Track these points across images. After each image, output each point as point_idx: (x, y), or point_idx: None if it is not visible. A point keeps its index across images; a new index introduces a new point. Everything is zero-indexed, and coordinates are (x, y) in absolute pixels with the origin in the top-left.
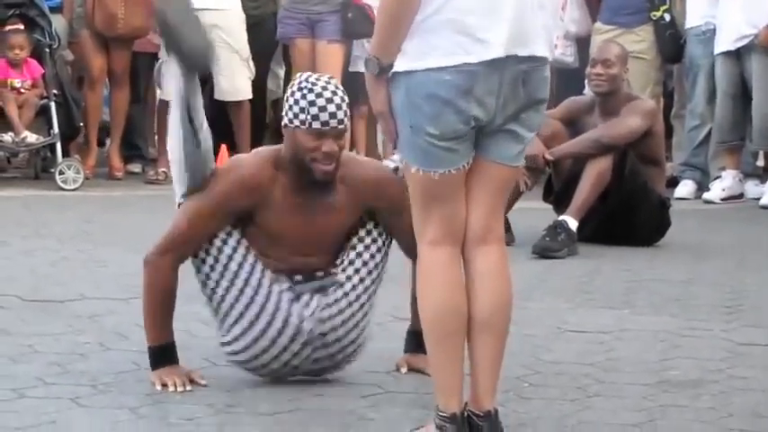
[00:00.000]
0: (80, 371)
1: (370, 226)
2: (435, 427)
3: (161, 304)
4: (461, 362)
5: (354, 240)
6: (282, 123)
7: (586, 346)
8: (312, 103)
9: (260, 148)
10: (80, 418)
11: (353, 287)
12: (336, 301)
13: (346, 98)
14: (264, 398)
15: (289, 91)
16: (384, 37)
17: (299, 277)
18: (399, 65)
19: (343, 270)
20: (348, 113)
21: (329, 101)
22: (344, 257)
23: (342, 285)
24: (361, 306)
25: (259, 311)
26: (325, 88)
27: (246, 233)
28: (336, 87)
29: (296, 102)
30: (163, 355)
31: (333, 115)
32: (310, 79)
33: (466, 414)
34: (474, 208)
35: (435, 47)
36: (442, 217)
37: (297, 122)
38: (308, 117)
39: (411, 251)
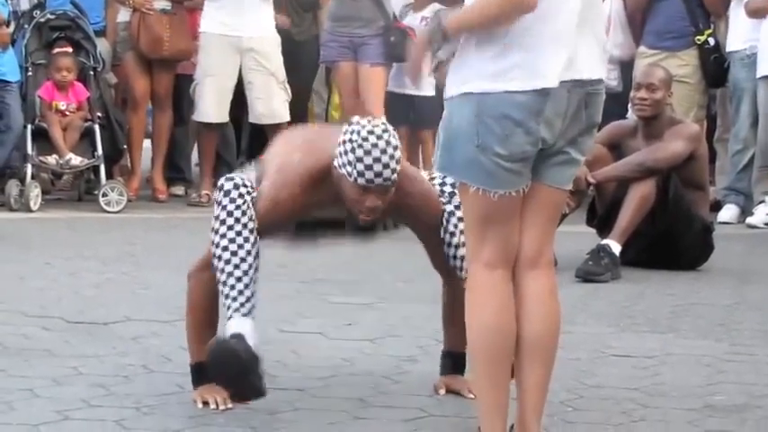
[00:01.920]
0: (124, 393)
1: None
2: None
3: (202, 320)
4: (507, 385)
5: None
6: (333, 161)
7: (631, 370)
8: (359, 160)
9: (309, 154)
10: None
11: None
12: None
13: (397, 153)
14: (306, 420)
15: (342, 135)
16: (464, 26)
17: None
18: (472, 86)
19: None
20: (397, 170)
21: (377, 160)
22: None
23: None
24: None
25: None
26: (375, 145)
27: None
28: (388, 142)
29: (345, 152)
30: (203, 372)
31: (378, 174)
32: (362, 133)
33: None
34: (527, 232)
35: (511, 70)
36: (498, 239)
37: (344, 171)
38: (355, 172)
39: (438, 266)
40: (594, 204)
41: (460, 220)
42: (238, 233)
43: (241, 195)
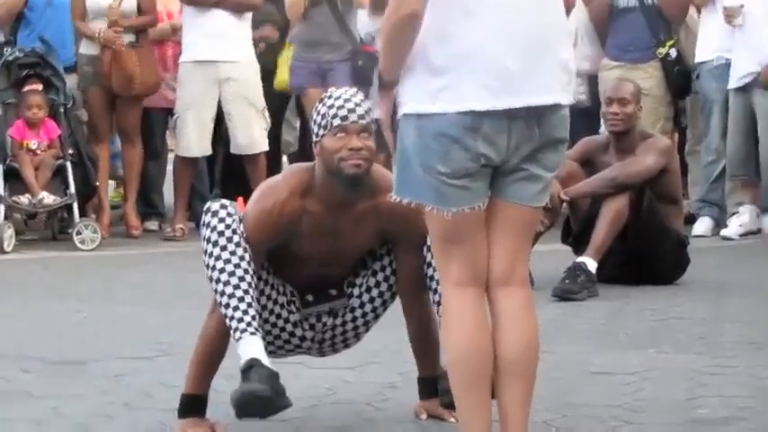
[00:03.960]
0: None
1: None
2: None
3: (206, 353)
4: (489, 406)
5: (376, 266)
6: (314, 146)
7: (613, 387)
8: (331, 107)
9: (288, 175)
10: None
11: (364, 314)
12: (343, 323)
13: (365, 105)
14: None
15: (313, 116)
16: (386, 60)
17: (310, 297)
18: (409, 107)
19: (359, 296)
20: (372, 117)
21: (347, 101)
22: (364, 282)
23: (353, 310)
24: (366, 324)
25: (264, 334)
26: (338, 96)
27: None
28: (352, 94)
29: (319, 115)
30: (192, 405)
31: (352, 111)
32: (322, 100)
33: None
34: (496, 250)
35: (443, 92)
36: (464, 258)
37: (322, 131)
38: (329, 119)
39: (404, 288)
40: (569, 221)
41: None
42: (232, 253)
43: (230, 214)
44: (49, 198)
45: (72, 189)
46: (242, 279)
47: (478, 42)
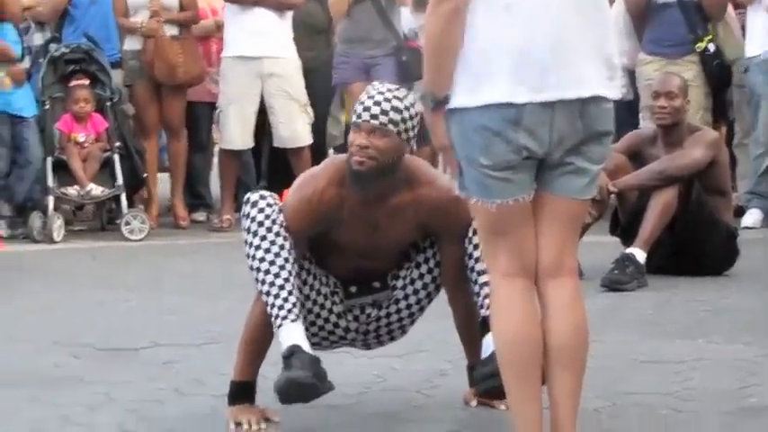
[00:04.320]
0: (157, 417)
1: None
2: None
3: (252, 341)
4: (539, 395)
5: (420, 258)
6: None
7: (663, 376)
8: (359, 103)
9: (328, 165)
10: None
11: (408, 306)
12: (388, 315)
13: (396, 102)
14: None
15: None
16: (432, 70)
17: (353, 288)
18: (454, 101)
19: (403, 288)
20: (392, 119)
21: (370, 98)
22: (407, 273)
23: (397, 302)
24: (411, 316)
25: (308, 325)
26: (374, 87)
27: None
28: (389, 91)
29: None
30: (241, 392)
31: (367, 109)
32: (368, 89)
33: None
34: (544, 241)
35: (482, 85)
36: (511, 249)
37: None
38: (353, 115)
39: (448, 280)
40: (617, 213)
41: None
42: (272, 242)
43: (269, 205)
44: (96, 189)
45: (120, 180)
46: (282, 267)
47: (517, 36)
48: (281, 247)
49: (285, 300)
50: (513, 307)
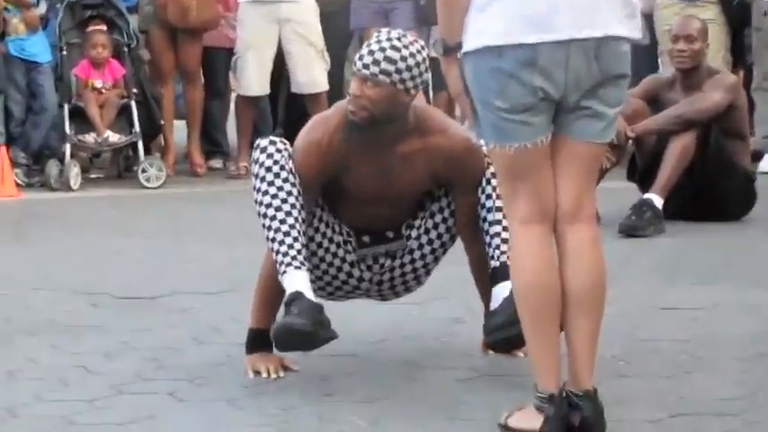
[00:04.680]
0: (176, 365)
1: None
2: (534, 408)
3: (267, 288)
4: (557, 341)
5: (434, 207)
6: None
7: (681, 322)
8: (360, 51)
9: (339, 108)
10: (179, 413)
11: (423, 256)
12: (402, 266)
13: (392, 54)
14: (359, 385)
15: None
16: (443, 18)
17: (366, 238)
18: (468, 44)
19: (417, 237)
20: (384, 69)
21: (368, 47)
22: (422, 223)
23: (411, 252)
24: (425, 266)
25: (321, 274)
26: (375, 38)
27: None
28: (388, 41)
29: None
30: (259, 340)
31: (361, 58)
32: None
33: (564, 394)
34: (562, 186)
35: (494, 26)
36: (529, 194)
37: None
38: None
39: (462, 230)
40: (635, 159)
41: None
42: (279, 188)
43: (278, 150)
44: (114, 137)
45: (137, 128)
46: (288, 213)
47: None
48: (289, 194)
49: (290, 246)
50: (532, 255)
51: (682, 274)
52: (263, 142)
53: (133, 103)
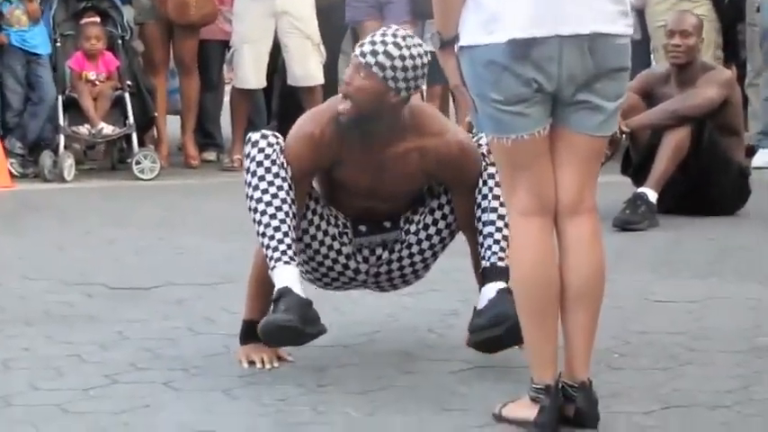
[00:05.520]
0: (171, 355)
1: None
2: (529, 399)
3: (261, 280)
4: (555, 333)
5: (434, 203)
6: None
7: (675, 315)
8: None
9: (333, 102)
10: (174, 402)
11: (421, 251)
12: (400, 259)
13: (393, 50)
14: (354, 376)
15: None
16: (439, 12)
17: (362, 227)
18: (464, 39)
19: (416, 233)
20: (380, 62)
21: (372, 36)
22: (421, 219)
23: (410, 247)
24: (424, 261)
25: (317, 266)
26: (381, 31)
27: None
28: (393, 36)
29: None
30: (253, 331)
31: (362, 45)
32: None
33: (560, 385)
34: (562, 179)
35: (489, 23)
36: (528, 186)
37: None
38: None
39: (464, 230)
40: (629, 153)
41: (498, 185)
42: (270, 183)
43: (270, 144)
44: (107, 128)
45: (131, 119)
46: (279, 209)
47: None
48: (279, 188)
49: (280, 241)
50: (531, 247)
51: (676, 268)
52: (254, 136)
53: (127, 95)
